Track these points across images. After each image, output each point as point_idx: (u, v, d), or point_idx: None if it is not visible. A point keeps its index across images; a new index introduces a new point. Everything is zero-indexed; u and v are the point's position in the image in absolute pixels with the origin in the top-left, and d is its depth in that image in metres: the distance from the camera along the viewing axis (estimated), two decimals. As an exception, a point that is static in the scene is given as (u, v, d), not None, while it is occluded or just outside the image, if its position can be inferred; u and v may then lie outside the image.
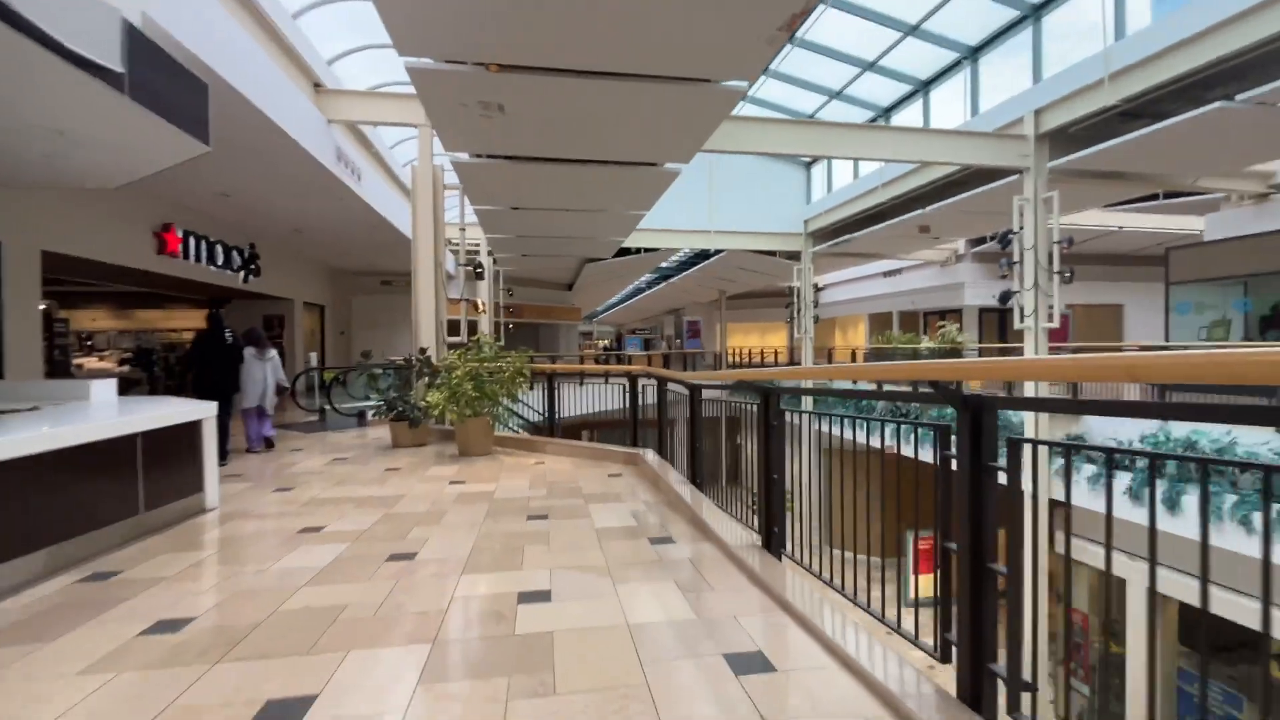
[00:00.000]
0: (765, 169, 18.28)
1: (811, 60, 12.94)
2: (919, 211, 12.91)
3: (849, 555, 3.12)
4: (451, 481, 5.34)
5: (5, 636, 2.53)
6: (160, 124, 4.09)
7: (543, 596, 2.89)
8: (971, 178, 12.17)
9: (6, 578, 3.12)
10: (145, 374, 14.54)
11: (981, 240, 17.74)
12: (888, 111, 13.98)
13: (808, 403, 11.93)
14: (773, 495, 3.40)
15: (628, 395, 7.15)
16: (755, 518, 3.70)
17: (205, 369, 6.73)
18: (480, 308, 9.70)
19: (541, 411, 8.89)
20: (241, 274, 12.94)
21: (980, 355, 16.76)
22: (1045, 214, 9.29)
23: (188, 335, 16.02)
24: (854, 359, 18.31)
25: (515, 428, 7.02)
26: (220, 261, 12.02)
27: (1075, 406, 4.40)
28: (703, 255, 20.63)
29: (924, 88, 12.57)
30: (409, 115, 8.09)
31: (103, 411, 4.12)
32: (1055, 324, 9.19)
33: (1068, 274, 9.12)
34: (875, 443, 3.22)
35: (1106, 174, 9.87)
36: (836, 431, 3.21)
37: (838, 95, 13.99)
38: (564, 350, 26.38)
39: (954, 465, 2.07)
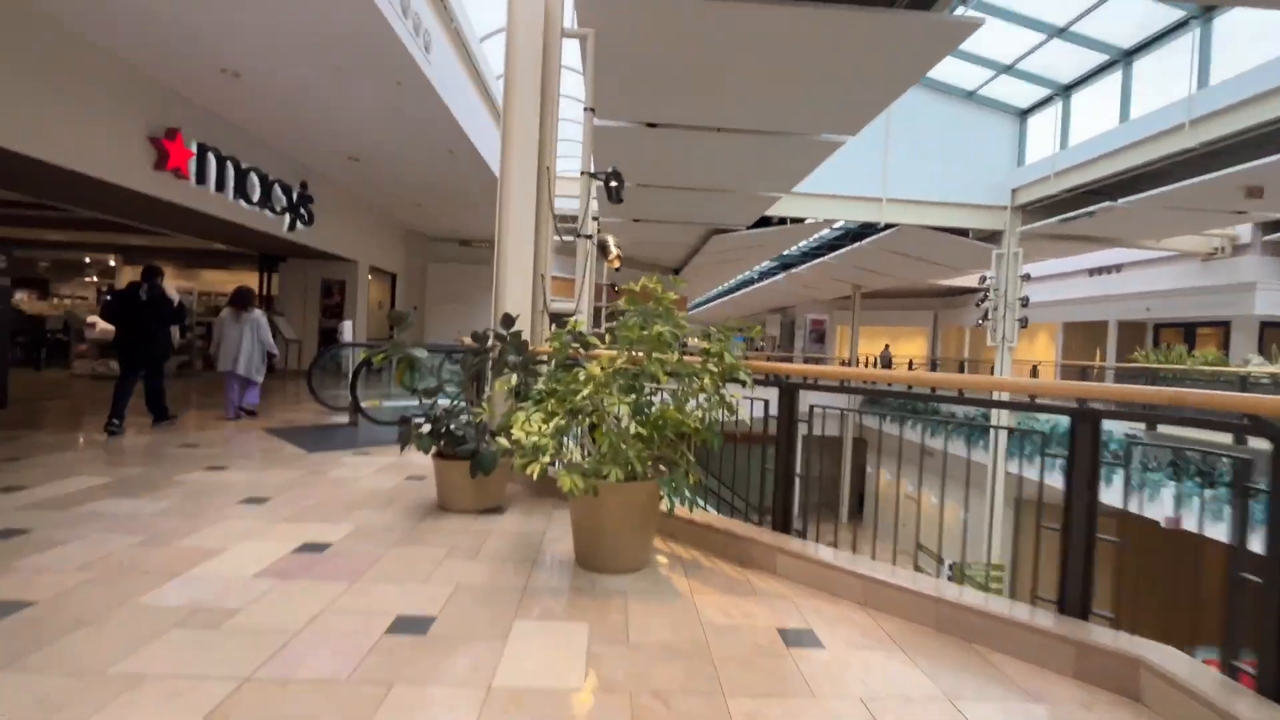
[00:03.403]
0: (959, 119, 13.75)
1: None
2: (1269, 159, 8.17)
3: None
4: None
5: None
6: None
7: None
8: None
9: None
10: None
11: (1287, 223, 12.44)
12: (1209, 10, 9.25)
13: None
14: None
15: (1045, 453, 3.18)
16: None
17: (118, 328, 6.23)
18: (614, 256, 5.95)
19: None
20: (287, 217, 9.93)
21: None
22: None
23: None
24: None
25: (693, 496, 3.09)
26: (256, 196, 8.95)
27: None
28: (853, 235, 16.29)
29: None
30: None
31: None
32: None
33: None
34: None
35: None
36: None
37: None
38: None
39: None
